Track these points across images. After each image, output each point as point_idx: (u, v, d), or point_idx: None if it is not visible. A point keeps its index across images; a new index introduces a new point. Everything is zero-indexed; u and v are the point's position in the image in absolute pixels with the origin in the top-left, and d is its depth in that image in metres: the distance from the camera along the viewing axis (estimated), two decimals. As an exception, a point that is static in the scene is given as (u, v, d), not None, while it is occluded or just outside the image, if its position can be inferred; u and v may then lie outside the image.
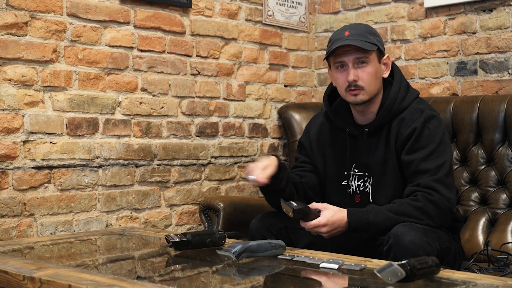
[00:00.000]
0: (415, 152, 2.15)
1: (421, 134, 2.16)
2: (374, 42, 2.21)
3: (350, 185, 2.29)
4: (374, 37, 2.23)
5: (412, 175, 2.15)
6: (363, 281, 1.68)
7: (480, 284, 1.56)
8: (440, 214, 2.08)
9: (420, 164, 2.13)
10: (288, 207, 2.02)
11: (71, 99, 2.69)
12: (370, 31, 2.24)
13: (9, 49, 2.50)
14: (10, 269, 1.71)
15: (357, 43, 2.16)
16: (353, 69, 2.19)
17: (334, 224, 2.07)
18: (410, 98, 2.25)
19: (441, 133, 2.19)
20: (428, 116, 2.19)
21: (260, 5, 3.41)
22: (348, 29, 2.23)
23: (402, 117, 2.21)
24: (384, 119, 2.23)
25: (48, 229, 2.61)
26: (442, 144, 2.17)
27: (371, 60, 2.20)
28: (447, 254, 2.11)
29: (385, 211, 2.07)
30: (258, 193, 3.41)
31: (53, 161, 2.63)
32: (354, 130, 2.29)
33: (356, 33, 2.20)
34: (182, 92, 3.08)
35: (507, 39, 2.97)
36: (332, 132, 2.36)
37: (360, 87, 2.20)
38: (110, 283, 1.55)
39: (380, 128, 2.24)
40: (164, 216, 3.00)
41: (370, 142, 2.25)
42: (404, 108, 2.23)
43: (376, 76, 2.22)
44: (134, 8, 2.88)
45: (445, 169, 2.13)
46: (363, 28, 2.24)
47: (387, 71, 2.27)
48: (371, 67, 2.20)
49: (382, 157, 2.22)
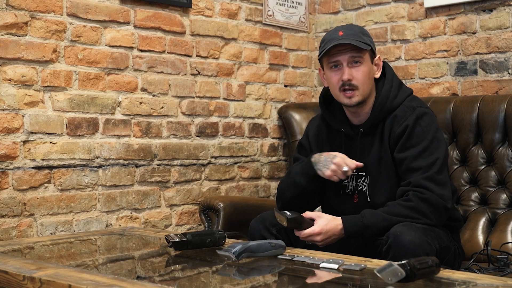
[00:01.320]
0: (407, 150, 2.16)
1: (413, 131, 2.17)
2: (367, 42, 2.23)
3: (348, 185, 2.29)
4: (367, 37, 2.25)
5: (404, 173, 2.16)
6: (363, 281, 1.68)
7: (480, 284, 1.56)
8: (434, 211, 2.08)
9: (412, 162, 2.14)
10: (282, 216, 2.03)
11: (71, 99, 2.69)
12: (363, 32, 2.26)
13: (9, 49, 2.50)
14: (10, 269, 1.71)
15: (353, 42, 2.18)
16: (347, 68, 2.21)
17: (328, 232, 2.08)
18: (403, 96, 2.26)
19: (434, 130, 2.19)
20: (420, 113, 2.20)
21: (260, 5, 3.42)
22: (341, 29, 2.24)
23: (395, 115, 2.22)
24: (378, 117, 2.24)
25: (48, 229, 2.61)
26: (435, 141, 2.17)
27: (365, 60, 2.22)
28: (447, 254, 2.11)
29: (379, 212, 2.08)
30: (258, 193, 3.41)
31: (53, 161, 2.63)
32: (350, 131, 2.30)
33: (350, 33, 2.21)
34: (182, 92, 3.08)
35: (507, 39, 2.97)
36: (329, 134, 2.38)
37: (355, 87, 2.21)
38: (110, 283, 1.55)
39: (374, 127, 2.25)
40: (164, 216, 3.00)
41: (365, 142, 2.26)
42: (397, 105, 2.24)
43: (369, 76, 2.24)
44: (134, 8, 2.88)
45: (436, 166, 2.13)
46: (356, 29, 2.27)
47: (378, 72, 2.29)
48: (365, 67, 2.22)
49: (377, 156, 2.23)
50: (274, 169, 3.48)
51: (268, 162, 3.45)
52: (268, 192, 3.45)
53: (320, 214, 2.12)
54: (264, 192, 3.44)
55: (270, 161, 3.46)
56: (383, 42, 3.42)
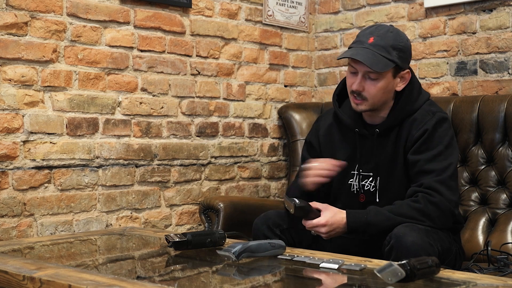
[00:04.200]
0: (422, 153, 2.15)
1: (431, 135, 2.15)
2: (393, 59, 2.12)
3: (353, 185, 2.28)
4: (397, 52, 2.14)
5: (416, 174, 2.14)
6: (363, 281, 1.68)
7: (480, 284, 1.56)
8: (441, 215, 2.07)
9: (426, 165, 2.12)
10: (291, 203, 2.04)
11: (71, 99, 2.69)
12: (396, 45, 2.14)
13: (9, 49, 2.50)
14: (10, 269, 1.71)
15: (369, 62, 2.09)
16: (362, 79, 2.15)
17: (333, 225, 2.08)
18: (422, 100, 2.23)
19: (450, 136, 2.18)
20: (440, 118, 2.19)
21: (260, 5, 3.41)
22: (375, 34, 2.15)
23: (414, 118, 2.19)
24: (396, 120, 2.22)
25: (48, 229, 2.61)
26: (450, 147, 2.17)
27: (383, 76, 2.14)
28: (448, 255, 2.11)
29: (384, 211, 2.07)
30: (258, 193, 3.41)
31: (53, 161, 2.63)
32: (364, 130, 2.26)
33: (379, 43, 2.12)
34: (182, 92, 3.08)
35: (507, 39, 2.97)
36: (341, 133, 2.34)
37: (364, 98, 2.17)
38: (110, 283, 1.55)
39: (391, 128, 2.23)
40: (164, 216, 3.00)
41: (379, 142, 2.24)
42: (416, 109, 2.21)
43: (385, 91, 2.17)
44: (134, 8, 2.88)
45: (450, 171, 2.12)
46: (390, 39, 2.14)
47: (402, 85, 2.21)
48: (382, 83, 2.15)
49: (389, 158, 2.21)
50: (274, 169, 3.47)
51: (268, 162, 3.45)
52: (268, 192, 3.45)
53: (327, 206, 2.12)
54: (264, 192, 3.44)
55: (270, 161, 3.46)
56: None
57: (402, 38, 2.18)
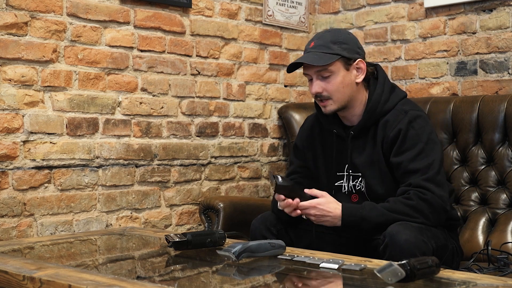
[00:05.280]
0: (403, 154, 2.15)
1: (407, 135, 2.16)
2: (336, 52, 2.17)
3: (344, 186, 2.29)
4: (339, 45, 2.18)
5: (402, 176, 2.16)
6: (363, 281, 1.68)
7: (480, 284, 1.56)
8: (434, 212, 2.08)
9: (409, 165, 2.13)
10: (273, 180, 2.04)
11: (71, 99, 2.69)
12: (335, 40, 2.20)
13: (9, 49, 2.51)
14: (10, 269, 1.71)
15: (310, 60, 2.16)
16: (317, 81, 2.21)
17: (323, 210, 2.10)
18: (395, 100, 2.24)
19: (428, 132, 2.18)
20: (413, 116, 2.19)
21: (260, 5, 3.42)
22: (315, 38, 2.23)
23: (387, 119, 2.21)
24: (368, 121, 2.24)
25: (48, 229, 2.61)
26: (430, 143, 2.17)
27: (334, 70, 2.19)
28: (444, 252, 2.11)
29: (379, 207, 2.09)
30: (258, 193, 3.41)
31: (53, 161, 2.63)
32: (342, 132, 2.29)
33: (319, 44, 2.20)
34: (182, 92, 3.08)
35: (507, 39, 2.97)
36: (322, 134, 2.37)
37: (327, 97, 2.21)
38: (110, 283, 1.55)
39: (366, 130, 2.25)
40: (164, 216, 3.00)
41: (357, 144, 2.26)
42: (388, 110, 2.23)
43: (344, 84, 2.21)
44: (134, 8, 2.88)
45: (435, 167, 2.13)
46: (327, 37, 2.21)
47: (361, 75, 2.23)
48: (336, 77, 2.19)
49: (369, 159, 2.23)
50: (274, 169, 3.47)
51: (268, 162, 3.45)
52: (268, 192, 3.45)
53: (325, 194, 2.14)
54: (264, 192, 3.44)
55: (270, 161, 3.46)
56: (383, 42, 3.42)
57: (342, 33, 2.25)
